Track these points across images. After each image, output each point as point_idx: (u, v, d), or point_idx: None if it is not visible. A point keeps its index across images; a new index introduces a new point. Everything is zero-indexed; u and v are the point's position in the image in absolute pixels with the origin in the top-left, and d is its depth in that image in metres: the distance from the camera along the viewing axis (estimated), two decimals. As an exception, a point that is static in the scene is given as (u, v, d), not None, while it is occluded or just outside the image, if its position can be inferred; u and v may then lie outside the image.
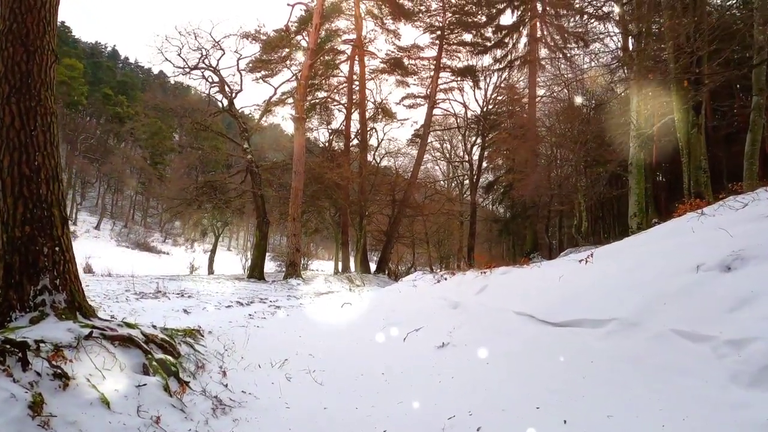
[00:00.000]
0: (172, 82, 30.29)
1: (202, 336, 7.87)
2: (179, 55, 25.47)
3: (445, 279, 10.05)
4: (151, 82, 70.29)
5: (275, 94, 28.44)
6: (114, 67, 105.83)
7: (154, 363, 4.56)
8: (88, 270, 28.35)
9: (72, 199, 73.81)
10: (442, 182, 46.65)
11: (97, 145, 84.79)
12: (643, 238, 6.26)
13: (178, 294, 14.85)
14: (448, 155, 44.33)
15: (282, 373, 6.30)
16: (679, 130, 14.28)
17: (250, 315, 12.07)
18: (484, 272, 8.40)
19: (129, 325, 5.22)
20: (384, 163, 38.59)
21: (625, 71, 23.86)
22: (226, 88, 26.48)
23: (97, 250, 45.80)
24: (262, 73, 29.72)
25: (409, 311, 8.73)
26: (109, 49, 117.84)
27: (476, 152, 38.97)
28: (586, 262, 5.98)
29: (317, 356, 7.37)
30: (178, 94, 30.28)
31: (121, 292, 13.84)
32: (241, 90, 26.84)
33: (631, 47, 20.46)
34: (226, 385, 5.35)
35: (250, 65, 28.76)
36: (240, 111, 27.16)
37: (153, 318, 10.79)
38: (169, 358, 5.03)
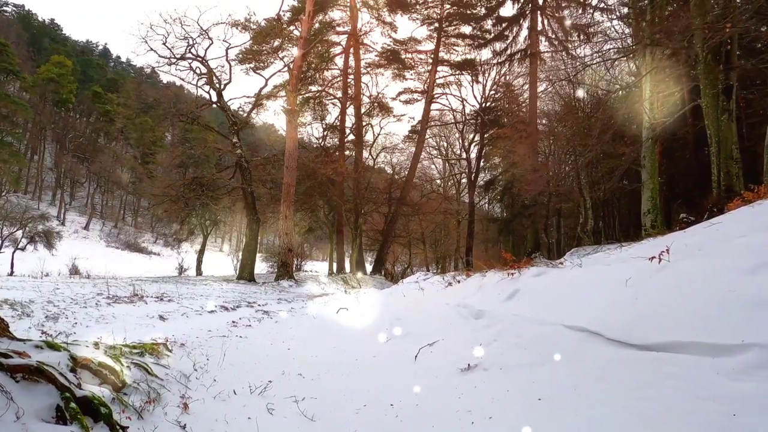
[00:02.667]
0: (164, 81, 28.65)
1: (170, 351, 6.52)
2: (164, 44, 24.10)
3: (458, 281, 8.65)
4: (143, 81, 68.61)
5: (266, 85, 27.10)
6: (105, 65, 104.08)
7: (73, 405, 3.21)
8: (75, 272, 27.01)
9: (61, 198, 72.16)
10: (438, 181, 45.61)
11: (86, 144, 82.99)
12: (729, 228, 4.93)
13: (156, 298, 13.47)
14: (444, 153, 43.15)
15: (263, 401, 4.97)
16: (708, 117, 13.02)
17: (233, 322, 10.75)
18: (512, 274, 6.99)
19: (52, 346, 3.88)
20: (380, 159, 37.32)
21: (634, 63, 22.75)
22: (215, 80, 25.10)
23: (86, 251, 44.41)
24: (253, 64, 28.33)
25: (418, 320, 7.36)
26: (100, 47, 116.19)
27: (474, 150, 37.74)
28: (660, 260, 4.63)
29: (308, 376, 6.04)
30: (170, 93, 28.71)
31: (92, 297, 12.45)
32: (230, 81, 25.43)
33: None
34: (185, 427, 4.01)
35: (240, 56, 27.38)
36: (229, 103, 25.73)
37: (123, 326, 9.44)
38: (103, 392, 3.68)
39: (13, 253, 30.89)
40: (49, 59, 75.46)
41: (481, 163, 38.22)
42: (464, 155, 38.91)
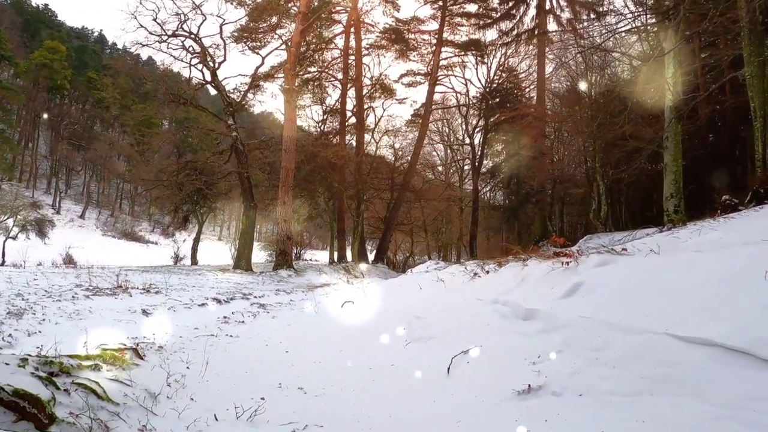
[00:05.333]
0: (161, 68, 26.74)
1: (141, 358, 5.34)
2: (155, 20, 22.69)
3: (487, 272, 7.29)
4: (139, 69, 66.56)
5: (263, 64, 25.67)
6: (101, 51, 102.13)
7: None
8: (69, 261, 25.93)
9: (56, 187, 70.83)
10: (440, 168, 44.57)
11: (82, 132, 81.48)
12: None
13: (143, 290, 12.25)
14: (447, 139, 41.93)
15: (252, 432, 3.76)
16: (751, 88, 11.78)
17: (225, 317, 9.57)
18: (567, 263, 5.64)
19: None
20: (383, 142, 35.98)
21: (649, 43, 21.54)
22: (208, 58, 23.73)
23: (81, 240, 43.20)
24: (249, 43, 26.88)
25: (442, 319, 6.07)
26: (96, 34, 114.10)
27: (478, 135, 36.38)
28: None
29: (311, 391, 4.84)
30: (167, 81, 27.09)
31: (70, 288, 11.25)
32: (224, 60, 24.08)
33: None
34: (135, 483, 2.82)
35: (236, 34, 25.94)
36: (224, 83, 24.35)
37: (99, 322, 8.24)
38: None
39: (4, 242, 29.72)
40: (43, 45, 73.78)
41: (485, 150, 36.89)
42: (468, 141, 37.64)
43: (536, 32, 31.98)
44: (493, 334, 5.05)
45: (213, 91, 26.21)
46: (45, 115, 73.36)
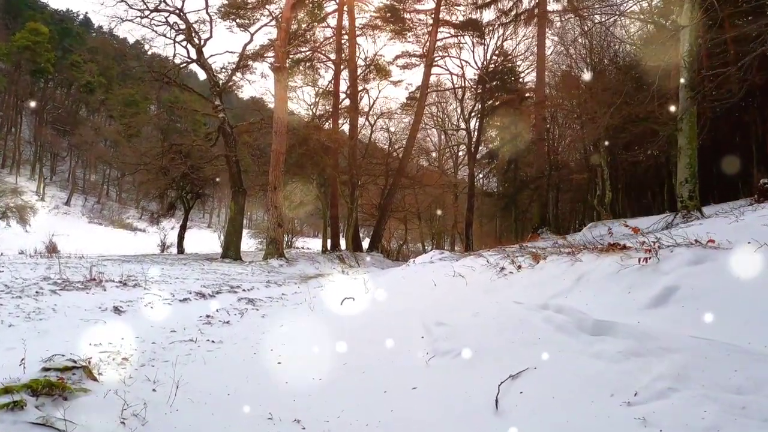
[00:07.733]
0: (145, 46, 25.25)
1: (94, 380, 4.20)
2: (136, -8, 21.27)
3: (519, 267, 5.97)
4: (122, 48, 64.27)
5: (251, 41, 24.33)
6: (86, 34, 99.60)
7: None
8: (52, 249, 24.72)
9: (39, 173, 69.01)
10: (434, 154, 43.66)
11: (66, 116, 79.40)
12: None
13: (119, 282, 11.02)
14: (442, 124, 40.87)
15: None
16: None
17: (208, 317, 8.41)
18: (644, 259, 4.48)
19: None
20: (378, 125, 34.81)
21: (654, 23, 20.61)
22: (194, 35, 22.37)
23: (66, 228, 41.96)
24: (237, 20, 25.49)
25: (473, 328, 4.78)
26: (81, 17, 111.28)
27: (474, 120, 35.23)
28: None
29: (311, 426, 3.71)
30: (154, 65, 25.65)
31: (35, 282, 10.02)
32: (211, 37, 22.80)
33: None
34: None
35: (222, 9, 24.54)
36: (211, 62, 22.99)
37: (62, 323, 7.11)
38: None
39: (-20, 230, 28.43)
40: (25, 26, 71.53)
41: (481, 135, 35.82)
42: (463, 125, 36.53)
43: (536, 12, 30.95)
44: (549, 354, 3.76)
45: (201, 76, 24.96)
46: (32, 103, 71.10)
